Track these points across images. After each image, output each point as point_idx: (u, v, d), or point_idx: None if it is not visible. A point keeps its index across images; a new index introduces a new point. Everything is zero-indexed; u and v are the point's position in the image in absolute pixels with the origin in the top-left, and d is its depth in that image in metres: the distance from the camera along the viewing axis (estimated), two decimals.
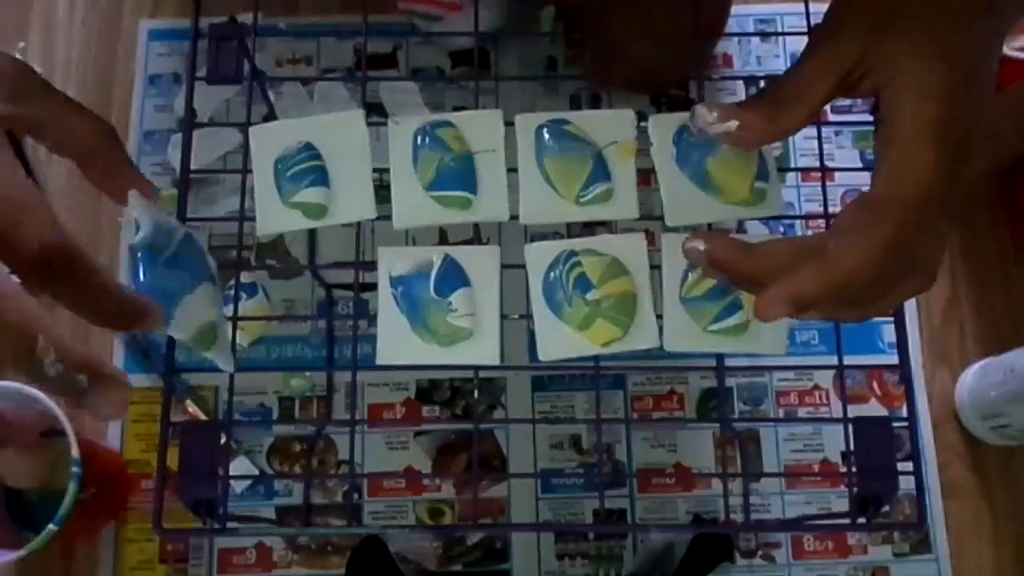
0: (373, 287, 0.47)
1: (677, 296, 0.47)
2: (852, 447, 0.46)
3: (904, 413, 0.47)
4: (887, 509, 0.48)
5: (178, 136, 0.69)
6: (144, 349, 0.65)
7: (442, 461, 0.65)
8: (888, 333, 0.67)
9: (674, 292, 0.47)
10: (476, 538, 0.63)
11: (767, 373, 0.66)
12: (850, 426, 0.46)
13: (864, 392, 0.66)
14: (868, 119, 0.52)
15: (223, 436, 0.49)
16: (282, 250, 0.68)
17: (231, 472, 0.62)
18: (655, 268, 0.47)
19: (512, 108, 0.50)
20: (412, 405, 0.66)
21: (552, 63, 0.73)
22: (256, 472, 0.64)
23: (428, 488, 0.65)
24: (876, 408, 0.66)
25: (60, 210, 0.68)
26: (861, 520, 0.46)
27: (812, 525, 0.64)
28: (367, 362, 0.48)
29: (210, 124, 0.68)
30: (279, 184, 0.47)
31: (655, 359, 0.51)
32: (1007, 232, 0.69)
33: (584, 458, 0.65)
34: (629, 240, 0.48)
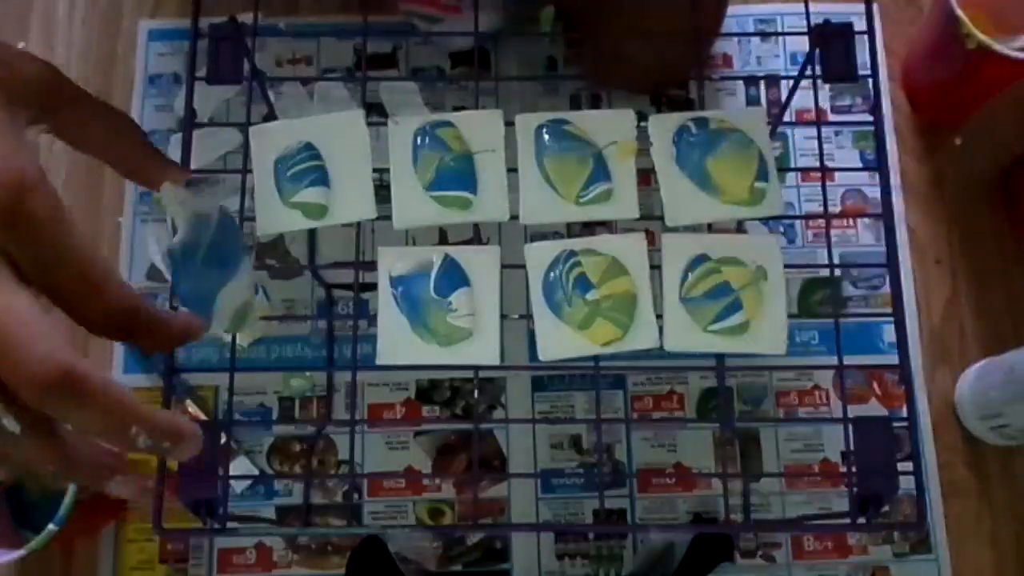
0: (373, 287, 0.47)
1: (677, 296, 0.47)
2: (852, 447, 0.46)
3: (904, 413, 0.47)
4: (887, 509, 0.48)
5: (178, 136, 0.69)
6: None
7: (442, 461, 0.65)
8: (888, 333, 0.67)
9: (674, 292, 0.47)
10: (476, 538, 0.63)
11: (767, 373, 0.66)
12: (850, 426, 0.46)
13: (864, 392, 0.66)
14: (868, 119, 0.52)
15: (223, 436, 0.49)
16: (282, 250, 0.68)
17: (231, 472, 0.62)
18: (655, 268, 0.47)
19: (512, 108, 0.50)
20: (412, 405, 0.66)
21: (552, 63, 0.73)
22: (256, 472, 0.64)
23: (428, 488, 0.65)
24: (876, 408, 0.66)
25: None
26: (861, 520, 0.46)
27: (812, 525, 0.64)
28: (367, 362, 0.48)
29: (210, 124, 0.68)
30: (279, 184, 0.47)
31: (655, 359, 0.51)
32: (1007, 232, 0.69)
33: (584, 458, 0.65)
34: (629, 240, 0.48)
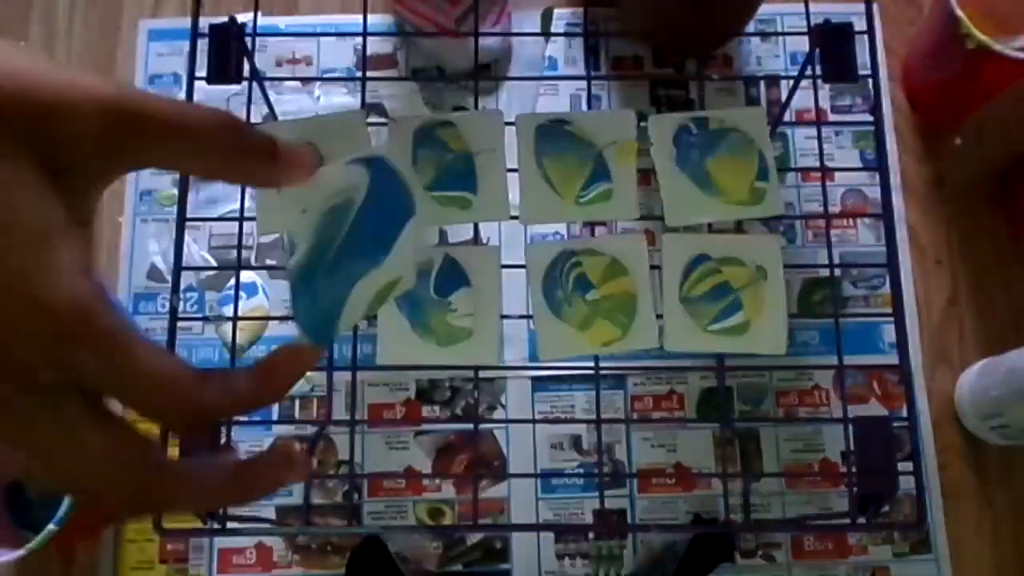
0: None
1: (677, 296, 0.47)
2: (852, 447, 0.46)
3: (904, 413, 0.47)
4: (887, 509, 0.48)
5: None
6: None
7: (442, 461, 0.65)
8: (888, 333, 0.67)
9: (674, 292, 0.47)
10: (476, 538, 0.63)
11: (767, 373, 0.66)
12: (850, 426, 0.46)
13: (864, 392, 0.66)
14: (868, 119, 0.52)
15: (223, 436, 0.49)
16: (282, 250, 0.68)
17: None
18: (655, 268, 0.47)
19: (512, 108, 0.50)
20: (412, 405, 0.66)
21: (552, 63, 0.73)
22: None
23: (428, 488, 0.64)
24: (876, 408, 0.66)
25: None
26: (861, 520, 0.46)
27: (812, 525, 0.64)
28: (367, 362, 0.48)
29: None
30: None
31: (655, 359, 0.51)
32: (1007, 232, 0.69)
33: (584, 458, 0.65)
34: (629, 240, 0.48)
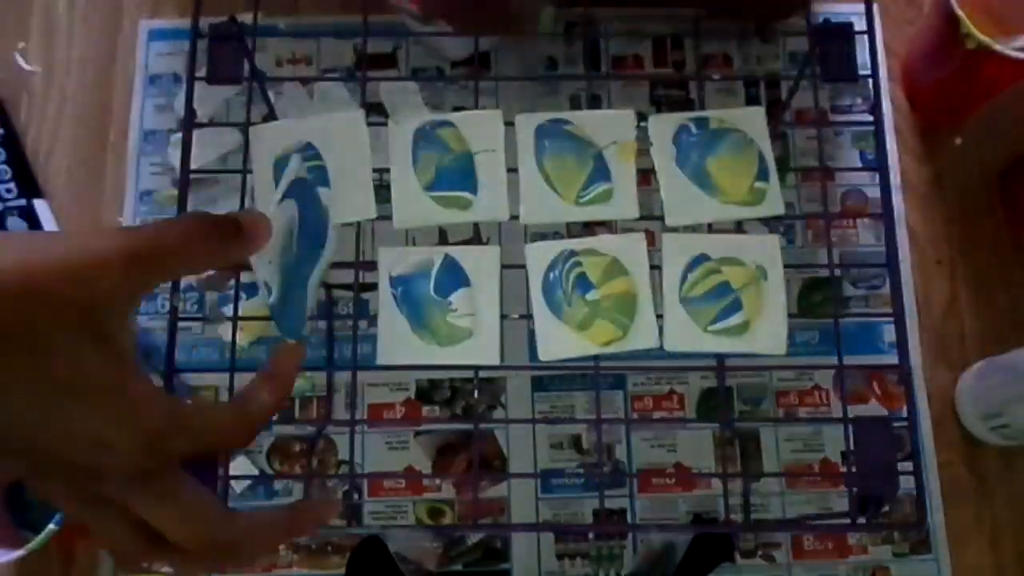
0: (373, 287, 0.48)
1: (677, 296, 0.47)
2: (852, 447, 0.46)
3: (904, 413, 0.47)
4: (887, 509, 0.48)
5: (178, 136, 0.69)
6: (144, 349, 0.65)
7: (442, 461, 0.65)
8: (888, 333, 0.67)
9: (674, 292, 0.47)
10: (476, 538, 0.63)
11: (767, 373, 0.66)
12: (850, 426, 0.46)
13: (864, 392, 0.66)
14: (868, 119, 0.52)
15: None
16: None
17: (231, 472, 0.62)
18: (655, 268, 0.47)
19: (512, 108, 0.50)
20: (412, 405, 0.66)
21: (552, 63, 0.73)
22: (256, 472, 0.64)
23: (428, 488, 0.65)
24: (876, 408, 0.66)
25: (60, 210, 0.68)
26: (861, 520, 0.46)
27: (812, 525, 0.64)
28: (367, 362, 0.48)
29: (210, 124, 0.68)
30: (279, 184, 0.47)
31: (655, 359, 0.51)
32: (1007, 232, 0.69)
33: (584, 458, 0.65)
34: (629, 240, 0.48)
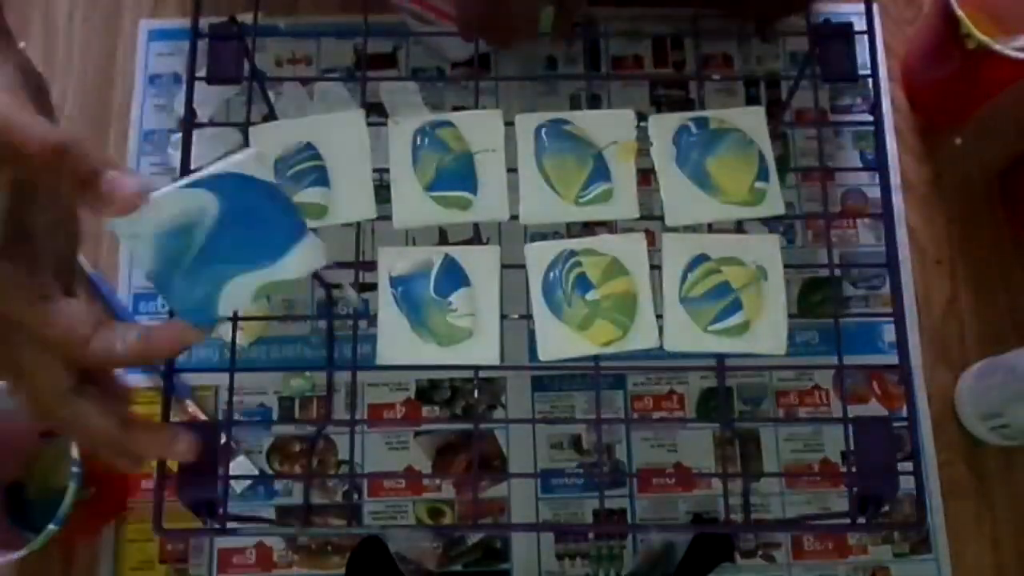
0: (373, 287, 0.48)
1: (677, 296, 0.47)
2: (852, 447, 0.46)
3: (904, 413, 0.47)
4: (887, 509, 0.48)
5: (178, 136, 0.69)
6: None
7: (442, 461, 0.65)
8: (888, 333, 0.67)
9: (674, 292, 0.47)
10: (476, 538, 0.63)
11: (767, 373, 0.66)
12: (850, 426, 0.46)
13: (864, 392, 0.66)
14: (868, 119, 0.52)
15: (223, 436, 0.49)
16: None
17: (231, 472, 0.62)
18: (655, 268, 0.47)
19: (512, 108, 0.50)
20: (412, 405, 0.66)
21: (552, 63, 0.73)
22: (256, 472, 0.64)
23: (428, 488, 0.65)
24: (876, 408, 0.66)
25: None
26: (861, 520, 0.46)
27: (812, 525, 0.64)
28: (367, 362, 0.48)
29: (210, 124, 0.68)
30: (279, 184, 0.47)
31: (655, 359, 0.51)
32: (1007, 232, 0.69)
33: (584, 458, 0.65)
34: (629, 240, 0.48)
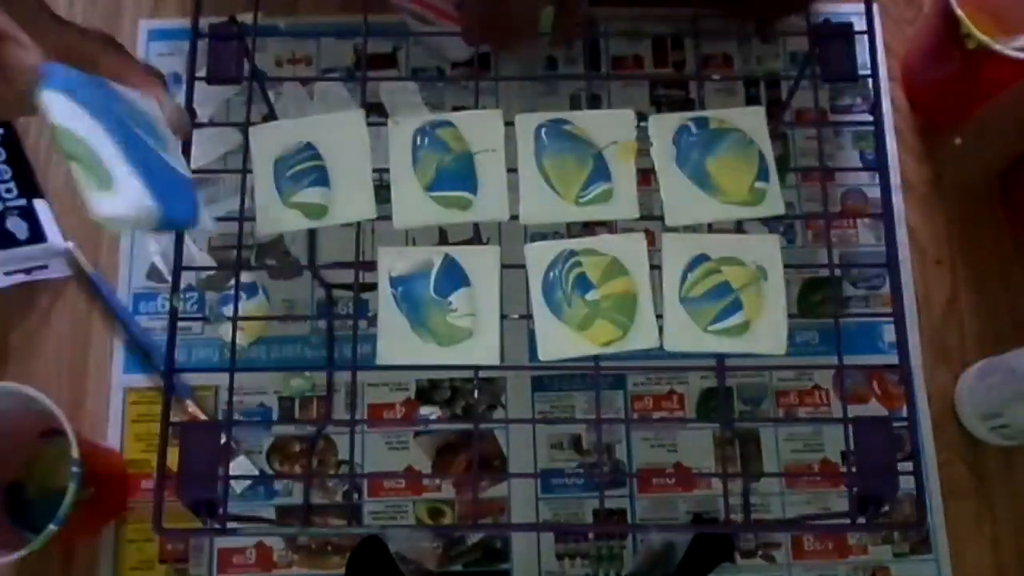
0: (373, 287, 0.48)
1: (677, 296, 0.47)
2: (852, 447, 0.46)
3: (904, 413, 0.47)
4: (887, 509, 0.48)
5: None
6: (144, 349, 0.65)
7: (442, 461, 0.65)
8: (888, 333, 0.67)
9: (674, 292, 0.47)
10: (476, 538, 0.63)
11: (767, 373, 0.66)
12: (850, 426, 0.46)
13: (864, 392, 0.66)
14: (868, 119, 0.52)
15: (223, 436, 0.49)
16: (282, 250, 0.68)
17: (231, 472, 0.62)
18: (655, 268, 0.47)
19: (512, 108, 0.50)
20: (412, 405, 0.66)
21: (552, 63, 0.73)
22: (256, 472, 0.64)
23: (428, 488, 0.65)
24: (876, 408, 0.66)
25: (60, 210, 0.68)
26: (861, 520, 0.46)
27: (812, 525, 0.64)
28: (367, 362, 0.48)
29: (210, 124, 0.68)
30: (279, 184, 0.47)
31: (655, 359, 0.51)
32: (1007, 232, 0.69)
33: (584, 458, 0.65)
34: (629, 240, 0.48)
